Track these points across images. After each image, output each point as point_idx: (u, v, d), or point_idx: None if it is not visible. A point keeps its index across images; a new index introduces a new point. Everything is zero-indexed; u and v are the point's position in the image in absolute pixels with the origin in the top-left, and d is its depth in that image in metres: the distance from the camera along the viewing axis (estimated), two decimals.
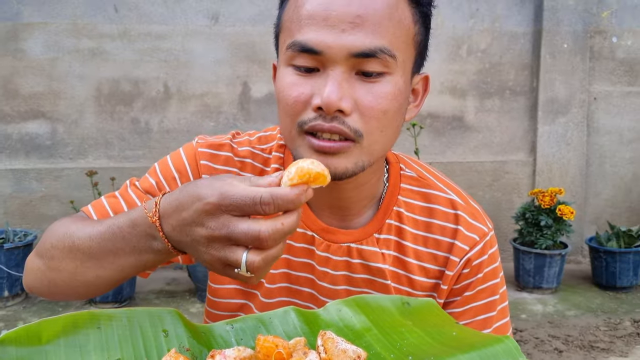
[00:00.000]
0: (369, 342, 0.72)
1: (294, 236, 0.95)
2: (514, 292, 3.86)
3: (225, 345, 0.73)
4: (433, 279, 0.95)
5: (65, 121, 3.97)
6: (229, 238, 0.63)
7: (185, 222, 0.66)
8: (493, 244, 0.97)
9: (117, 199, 0.95)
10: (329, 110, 0.78)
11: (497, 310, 0.97)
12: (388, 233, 0.95)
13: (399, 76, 0.81)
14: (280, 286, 0.96)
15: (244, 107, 4.10)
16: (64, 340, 0.67)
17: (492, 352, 0.67)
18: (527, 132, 4.34)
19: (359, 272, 0.94)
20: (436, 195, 0.96)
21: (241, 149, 0.98)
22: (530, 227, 3.83)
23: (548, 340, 3.23)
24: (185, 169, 0.96)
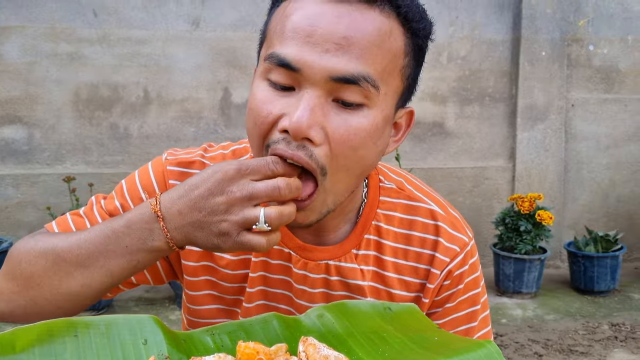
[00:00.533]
0: (350, 348, 0.72)
1: (270, 253, 0.92)
2: (494, 297, 3.89)
3: (205, 353, 0.72)
4: (414, 292, 0.93)
5: (42, 126, 3.92)
6: (250, 197, 0.71)
7: (199, 198, 0.72)
8: (474, 254, 0.95)
9: (82, 219, 0.91)
10: (295, 137, 0.73)
11: (478, 320, 0.96)
12: (367, 248, 0.92)
13: (378, 110, 0.76)
14: (258, 304, 0.94)
15: (224, 112, 4.08)
16: (38, 349, 0.65)
17: (474, 357, 0.67)
18: (506, 138, 4.38)
19: (337, 289, 0.92)
20: (416, 206, 0.94)
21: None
22: (510, 233, 3.87)
23: (528, 345, 3.25)
24: (153, 189, 0.91)
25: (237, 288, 0.94)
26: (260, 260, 0.92)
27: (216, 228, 0.72)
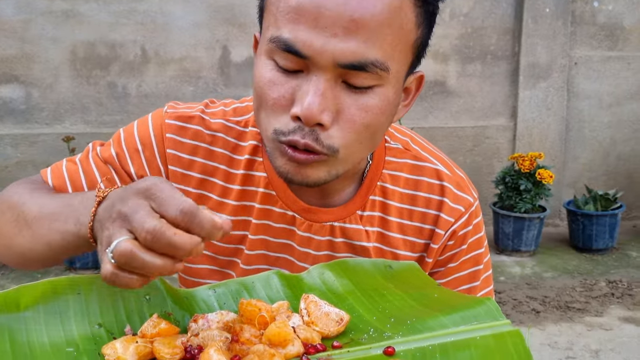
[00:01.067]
0: (351, 305, 0.73)
1: (272, 216, 0.91)
2: (493, 255, 3.93)
3: (207, 310, 0.73)
4: (418, 252, 0.93)
5: (39, 85, 3.88)
6: (130, 220, 0.59)
7: (118, 198, 0.63)
8: (478, 214, 0.95)
9: (76, 167, 0.91)
10: (307, 123, 0.72)
11: (480, 280, 0.97)
12: (372, 209, 0.92)
13: (390, 87, 0.74)
14: (256, 268, 0.93)
15: (224, 71, 4.04)
16: (43, 307, 0.66)
17: (473, 314, 0.67)
18: (508, 97, 4.35)
19: (342, 251, 0.92)
20: (422, 166, 0.93)
21: (214, 121, 0.91)
22: (510, 191, 3.88)
23: (526, 302, 3.30)
24: (150, 142, 0.90)
25: (232, 249, 0.93)
26: (261, 223, 0.91)
27: (100, 235, 0.64)
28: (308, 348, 0.65)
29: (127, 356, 0.61)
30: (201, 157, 0.90)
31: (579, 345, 2.88)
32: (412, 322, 0.68)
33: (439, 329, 0.66)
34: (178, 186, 0.90)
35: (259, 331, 0.66)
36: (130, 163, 0.89)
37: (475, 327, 0.65)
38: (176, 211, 0.58)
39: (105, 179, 0.71)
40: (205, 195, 0.91)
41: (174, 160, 0.90)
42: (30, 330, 0.64)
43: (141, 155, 0.90)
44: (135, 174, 0.89)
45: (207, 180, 0.91)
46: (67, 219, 0.71)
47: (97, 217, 0.65)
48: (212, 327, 0.67)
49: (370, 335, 0.67)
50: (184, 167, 0.90)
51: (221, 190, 0.91)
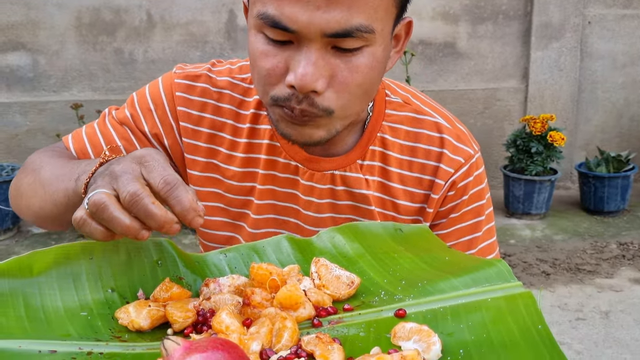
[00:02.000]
0: (362, 268, 0.73)
1: (277, 167, 0.94)
2: (503, 219, 3.93)
3: (219, 274, 0.73)
4: (418, 203, 0.95)
5: (46, 52, 3.86)
6: (117, 179, 0.64)
7: (115, 161, 0.69)
8: (479, 166, 0.97)
9: (94, 130, 0.97)
10: (302, 91, 0.75)
11: (482, 231, 0.98)
12: (372, 159, 0.94)
13: (377, 45, 0.77)
14: (267, 217, 0.97)
15: (230, 35, 4.00)
16: (55, 272, 0.67)
17: (484, 275, 0.67)
18: (519, 58, 4.28)
19: (343, 199, 0.95)
20: (422, 119, 0.95)
21: (220, 79, 0.95)
22: (521, 154, 3.86)
23: (536, 264, 3.32)
24: (162, 101, 0.95)
25: (242, 201, 0.97)
26: (268, 173, 0.95)
27: (90, 187, 0.69)
28: (319, 311, 0.65)
29: (140, 320, 0.62)
30: (210, 113, 0.95)
31: (589, 306, 2.90)
32: (423, 285, 0.68)
33: (450, 291, 0.66)
34: (189, 141, 0.95)
35: (270, 294, 0.66)
36: (144, 122, 0.95)
37: (487, 289, 0.65)
38: (160, 180, 0.63)
39: (110, 147, 0.76)
40: (215, 150, 0.96)
41: (184, 116, 0.95)
42: (44, 295, 0.65)
43: (154, 114, 0.95)
44: (149, 133, 0.95)
45: (216, 135, 0.95)
46: (70, 178, 0.76)
47: (94, 175, 0.70)
48: (223, 291, 0.67)
49: (381, 298, 0.67)
50: (194, 123, 0.95)
51: (230, 144, 0.95)
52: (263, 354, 0.58)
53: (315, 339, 0.59)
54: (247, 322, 0.62)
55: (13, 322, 0.62)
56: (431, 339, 0.58)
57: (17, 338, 0.60)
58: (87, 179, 0.71)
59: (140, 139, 0.94)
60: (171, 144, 0.95)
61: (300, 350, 0.58)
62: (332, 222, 0.95)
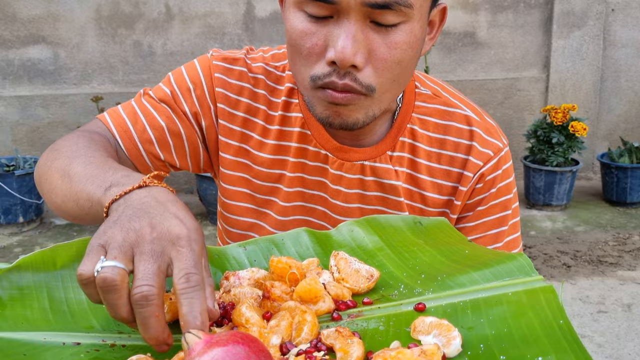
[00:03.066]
0: (381, 262, 0.73)
1: (307, 155, 0.95)
2: (523, 210, 3.89)
3: (238, 267, 0.73)
4: (446, 195, 0.95)
5: (66, 45, 3.90)
6: (141, 255, 0.55)
7: (154, 207, 0.60)
8: (507, 160, 0.96)
9: (133, 108, 0.95)
10: (342, 66, 0.76)
11: (508, 225, 0.98)
12: (401, 150, 0.94)
13: (415, 22, 0.78)
14: (294, 205, 0.97)
15: (248, 27, 4.00)
16: (78, 265, 0.68)
17: (504, 269, 0.67)
18: (540, 47, 4.22)
19: (372, 189, 0.95)
20: (451, 112, 0.95)
21: (255, 65, 0.96)
22: (542, 145, 3.81)
23: (557, 256, 3.28)
24: (200, 81, 0.95)
25: (269, 188, 0.97)
26: (298, 161, 0.96)
27: (112, 224, 0.59)
28: (339, 304, 0.65)
29: None
30: (246, 98, 0.96)
31: (610, 299, 2.86)
32: (442, 278, 0.67)
33: (470, 285, 0.65)
34: (224, 123, 0.95)
35: (289, 288, 0.66)
36: (183, 101, 0.95)
37: (507, 283, 0.65)
38: (182, 275, 0.55)
39: (154, 175, 0.67)
40: (248, 135, 0.96)
41: (222, 98, 0.95)
42: (67, 288, 0.66)
43: (192, 94, 0.95)
44: (189, 111, 0.95)
45: (250, 120, 0.96)
46: (100, 184, 0.69)
47: (128, 197, 0.63)
48: (243, 284, 0.68)
49: (401, 292, 0.67)
50: (231, 105, 0.96)
51: (262, 130, 0.96)
52: (283, 347, 0.58)
53: (335, 333, 0.59)
54: (267, 316, 0.63)
55: (38, 315, 0.63)
56: (451, 333, 0.57)
57: (41, 330, 0.61)
58: (117, 196, 0.64)
59: (180, 117, 0.94)
60: (208, 125, 0.96)
61: (320, 344, 0.58)
62: (360, 212, 0.95)
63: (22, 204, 3.55)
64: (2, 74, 3.91)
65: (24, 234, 3.57)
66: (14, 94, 3.92)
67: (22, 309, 0.63)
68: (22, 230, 3.60)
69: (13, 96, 3.91)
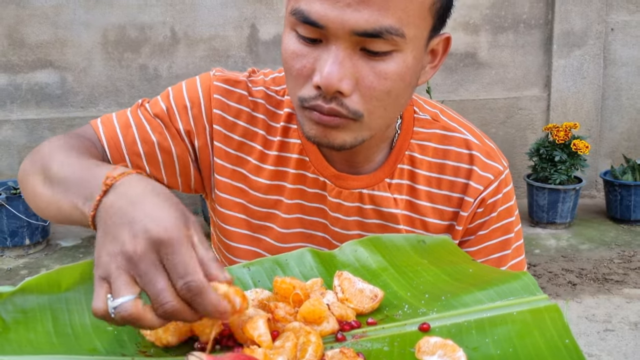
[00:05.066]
0: (385, 281, 0.72)
1: (306, 182, 0.94)
2: (527, 228, 3.88)
3: (242, 287, 0.73)
4: (447, 220, 0.94)
5: (73, 70, 3.94)
6: (143, 279, 0.56)
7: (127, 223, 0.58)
8: (508, 183, 0.95)
9: (127, 119, 0.94)
10: (327, 91, 0.75)
11: (511, 249, 0.97)
12: (400, 177, 0.93)
13: (408, 52, 0.76)
14: (294, 232, 0.96)
15: (252, 50, 4.03)
16: (83, 287, 0.67)
17: (509, 289, 0.66)
18: (541, 66, 4.24)
19: (371, 217, 0.94)
20: (450, 136, 0.94)
21: (255, 89, 0.96)
22: (545, 163, 3.81)
23: (562, 274, 3.26)
24: (199, 100, 0.94)
25: (265, 213, 0.96)
26: (297, 187, 0.94)
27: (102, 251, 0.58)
28: (343, 325, 0.65)
29: (168, 335, 0.62)
30: (244, 121, 0.95)
31: (617, 317, 2.83)
32: (446, 298, 0.67)
33: (475, 304, 0.65)
34: (220, 145, 0.94)
35: (293, 309, 0.66)
36: (178, 118, 0.94)
37: (512, 303, 0.64)
38: (182, 285, 0.56)
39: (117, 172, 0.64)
40: (244, 159, 0.95)
41: (219, 120, 0.94)
42: (71, 311, 0.66)
43: (189, 113, 0.94)
44: (182, 130, 0.93)
45: (247, 144, 0.95)
46: (81, 192, 0.68)
47: (101, 209, 0.62)
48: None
49: (405, 312, 0.67)
50: (228, 128, 0.94)
51: (259, 154, 0.95)
52: None
53: (339, 354, 0.58)
54: (274, 334, 0.62)
55: (42, 338, 0.62)
56: (456, 353, 0.57)
57: (45, 353, 0.60)
58: (93, 212, 0.62)
59: (173, 135, 0.93)
60: (201, 145, 0.94)
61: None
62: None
63: (28, 226, 3.56)
64: (10, 98, 3.95)
65: (30, 256, 3.57)
66: (22, 117, 3.95)
67: (26, 332, 0.63)
68: (29, 253, 3.60)
69: (20, 119, 3.94)
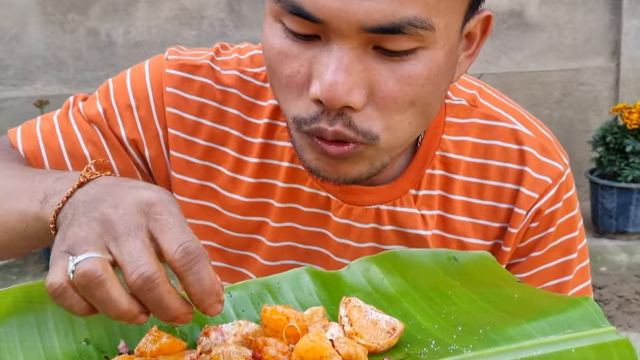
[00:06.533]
0: (406, 310, 0.73)
1: (300, 198, 0.91)
2: (591, 239, 3.88)
3: (222, 320, 0.73)
4: (492, 239, 0.93)
5: (2, 37, 3.94)
6: (118, 241, 0.59)
7: (108, 192, 0.63)
8: (570, 187, 0.94)
9: (52, 126, 0.93)
10: (331, 107, 0.71)
11: (574, 273, 0.96)
12: (429, 187, 0.91)
13: (438, 48, 0.72)
14: (283, 263, 0.94)
15: (233, 8, 4.03)
16: (16, 320, 0.68)
17: (566, 319, 0.67)
18: (608, 29, 4.24)
19: (391, 242, 0.92)
20: (494, 126, 0.92)
21: (225, 73, 0.92)
22: (613, 155, 3.81)
23: (635, 299, 3.27)
24: (147, 97, 0.92)
25: (245, 240, 0.95)
26: (287, 207, 0.92)
27: (68, 227, 0.62)
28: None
29: None
30: (209, 120, 0.92)
31: None
32: (485, 331, 0.67)
33: (522, 339, 0.65)
34: (179, 155, 0.92)
35: (287, 346, 0.66)
36: (120, 123, 0.92)
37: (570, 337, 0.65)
38: (178, 248, 0.58)
39: (97, 162, 0.71)
40: (214, 169, 0.93)
41: (175, 121, 0.91)
42: (1, 349, 0.66)
43: (134, 114, 0.92)
44: (126, 138, 0.92)
45: (217, 150, 0.92)
46: (30, 197, 0.71)
47: (72, 200, 0.65)
48: (228, 342, 0.68)
49: (432, 349, 0.67)
50: (188, 131, 0.92)
51: (234, 163, 0.92)
52: None
53: None
54: None
55: None
56: None
57: None
58: (60, 204, 0.66)
59: (113, 145, 0.91)
60: (153, 156, 0.92)
61: None
62: None
63: None
64: None
65: None
66: None
67: None
68: None
69: None
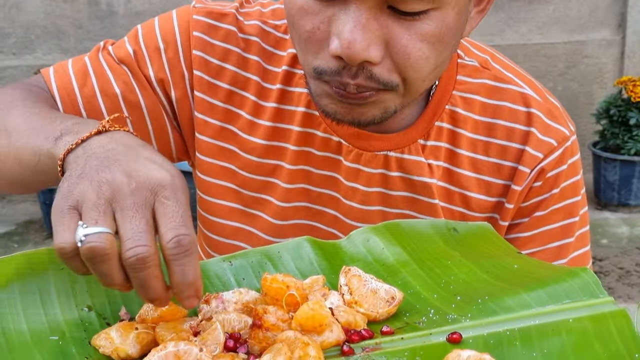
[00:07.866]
0: (405, 280, 0.73)
1: (314, 143, 0.95)
2: (593, 211, 3.88)
3: (222, 287, 0.74)
4: (495, 196, 0.95)
5: (3, 5, 3.92)
6: (123, 211, 0.61)
7: (123, 153, 0.66)
8: (575, 152, 0.96)
9: (84, 66, 0.96)
10: (351, 62, 0.75)
11: (575, 237, 0.97)
12: (437, 139, 0.94)
13: (449, 8, 0.76)
14: (296, 206, 0.97)
15: None
16: (18, 286, 0.68)
17: (563, 289, 0.67)
18: (614, 1, 4.20)
19: (398, 188, 0.95)
20: (504, 88, 0.95)
21: (248, 23, 0.96)
22: (616, 127, 3.80)
23: (636, 271, 3.27)
24: (174, 40, 0.95)
25: (261, 182, 0.97)
26: (302, 150, 0.95)
27: (76, 179, 0.64)
28: (350, 334, 0.66)
29: (127, 346, 0.63)
30: (233, 65, 0.95)
31: None
32: (484, 301, 0.68)
33: (520, 309, 0.66)
34: (202, 96, 0.95)
35: (287, 314, 0.67)
36: (149, 64, 0.95)
37: (568, 307, 0.65)
38: (172, 238, 0.61)
39: (114, 117, 0.74)
40: (234, 113, 0.96)
41: (200, 64, 0.95)
42: (4, 315, 0.67)
43: (162, 56, 0.95)
44: (154, 78, 0.95)
45: (238, 94, 0.96)
46: (48, 135, 0.74)
47: (86, 145, 0.68)
48: (228, 309, 0.68)
49: (430, 318, 0.68)
50: (212, 74, 0.95)
51: (253, 107, 0.96)
52: None
53: None
54: (262, 347, 0.63)
55: None
56: None
57: None
58: (73, 145, 0.69)
59: (142, 84, 0.95)
60: (179, 97, 0.96)
61: None
62: (382, 217, 0.95)
63: None
64: None
65: None
66: None
67: None
68: None
69: None
